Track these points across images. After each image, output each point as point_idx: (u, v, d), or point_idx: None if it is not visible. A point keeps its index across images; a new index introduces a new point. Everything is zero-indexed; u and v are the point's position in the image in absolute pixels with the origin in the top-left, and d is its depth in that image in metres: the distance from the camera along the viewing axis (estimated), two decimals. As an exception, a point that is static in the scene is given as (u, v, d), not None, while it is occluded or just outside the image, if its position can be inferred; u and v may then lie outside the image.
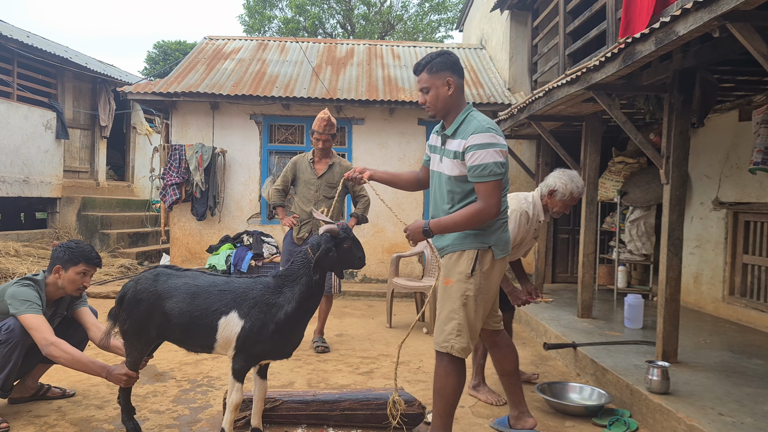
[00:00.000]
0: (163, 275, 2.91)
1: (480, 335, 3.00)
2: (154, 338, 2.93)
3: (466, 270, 2.62)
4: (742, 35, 2.69)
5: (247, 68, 9.39)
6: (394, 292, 6.13)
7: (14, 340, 3.04)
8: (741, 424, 2.87)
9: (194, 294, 2.80)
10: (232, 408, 2.81)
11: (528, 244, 3.74)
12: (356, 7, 22.85)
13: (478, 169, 2.50)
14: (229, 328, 2.73)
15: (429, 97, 2.68)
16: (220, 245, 8.06)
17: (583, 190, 3.50)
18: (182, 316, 2.78)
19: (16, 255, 7.93)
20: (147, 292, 2.84)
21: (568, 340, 4.57)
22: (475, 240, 2.62)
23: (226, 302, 2.76)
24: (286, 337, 2.79)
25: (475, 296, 2.63)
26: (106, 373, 3.03)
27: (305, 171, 4.93)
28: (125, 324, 2.92)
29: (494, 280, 2.70)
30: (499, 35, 9.73)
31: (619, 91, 4.31)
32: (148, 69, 23.05)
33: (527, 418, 3.08)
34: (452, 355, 2.65)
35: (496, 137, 2.54)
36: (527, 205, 3.59)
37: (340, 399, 3.20)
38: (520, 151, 8.48)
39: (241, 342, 2.73)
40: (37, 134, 9.82)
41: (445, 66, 2.63)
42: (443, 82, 2.63)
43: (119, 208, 11.32)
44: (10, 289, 3.14)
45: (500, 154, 2.52)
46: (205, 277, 2.91)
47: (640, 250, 6.62)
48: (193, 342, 2.87)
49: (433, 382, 2.72)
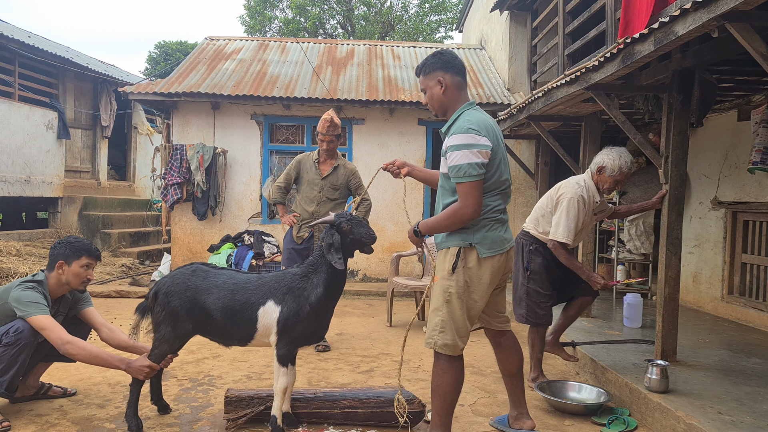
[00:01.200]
0: (201, 271, 3.11)
1: (486, 335, 3.04)
2: (190, 331, 3.06)
3: (448, 267, 2.64)
4: (741, 35, 2.70)
5: (247, 68, 9.41)
6: (394, 291, 6.14)
7: (23, 342, 3.06)
8: (740, 423, 2.88)
9: (233, 290, 3.01)
10: (281, 393, 2.97)
11: (587, 227, 3.81)
12: (356, 7, 22.86)
13: (454, 170, 2.53)
14: (268, 315, 2.96)
15: (427, 97, 2.80)
16: (221, 245, 8.09)
17: (632, 165, 3.51)
18: (224, 311, 2.98)
19: (18, 255, 7.95)
20: (185, 285, 3.03)
21: (567, 339, 4.58)
22: (457, 237, 2.63)
23: (261, 294, 2.99)
24: (321, 317, 3.02)
25: (458, 293, 2.63)
26: (125, 365, 3.07)
27: (309, 171, 4.89)
28: (160, 316, 3.05)
29: (484, 279, 2.64)
30: (498, 36, 9.74)
31: (618, 91, 4.32)
32: (150, 69, 23.07)
33: (526, 419, 3.08)
34: (447, 354, 2.66)
35: (476, 138, 2.52)
36: (581, 190, 3.62)
37: (341, 397, 3.22)
38: (520, 151, 8.49)
39: (281, 326, 2.94)
40: (39, 134, 9.84)
41: (436, 66, 2.73)
42: (435, 81, 2.73)
43: (120, 207, 11.34)
44: (13, 292, 3.14)
45: (477, 155, 2.50)
46: (240, 275, 3.12)
47: (639, 250, 6.64)
48: (233, 334, 3.04)
49: (431, 380, 2.74)
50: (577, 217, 3.61)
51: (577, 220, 3.62)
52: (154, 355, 3.08)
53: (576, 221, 3.62)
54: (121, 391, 3.69)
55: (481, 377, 4.20)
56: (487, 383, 4.05)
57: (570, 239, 3.65)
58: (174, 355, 3.17)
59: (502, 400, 3.70)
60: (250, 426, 3.11)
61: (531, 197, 8.62)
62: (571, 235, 3.66)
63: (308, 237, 4.84)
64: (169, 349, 3.08)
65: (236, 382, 3.92)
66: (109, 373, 4.01)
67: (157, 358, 3.08)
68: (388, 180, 8.61)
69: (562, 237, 3.65)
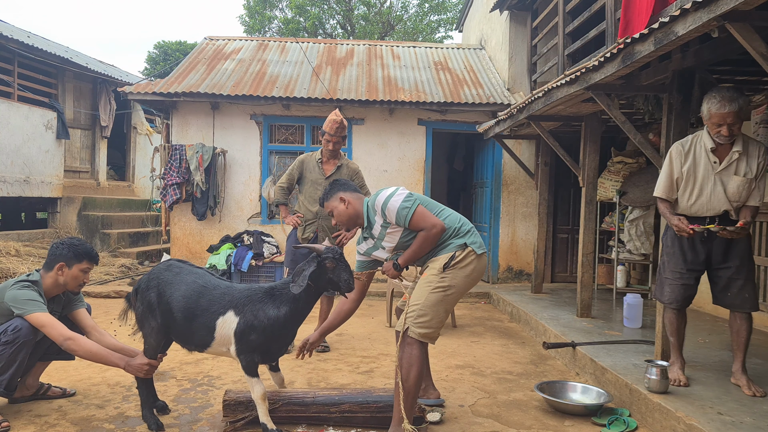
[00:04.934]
0: (175, 267, 3.16)
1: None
2: (160, 325, 3.07)
3: (439, 266, 2.91)
4: (741, 35, 2.70)
5: (247, 68, 9.40)
6: (394, 291, 6.14)
7: (21, 341, 3.05)
8: (740, 424, 2.88)
9: (199, 293, 3.02)
10: (260, 400, 2.96)
11: (705, 184, 3.36)
12: (356, 7, 22.86)
13: (400, 218, 2.90)
14: (226, 326, 2.95)
15: (335, 216, 3.15)
16: (221, 245, 8.08)
17: (721, 105, 3.18)
18: (186, 312, 2.99)
19: (17, 255, 7.93)
20: (158, 280, 3.10)
21: (567, 340, 4.58)
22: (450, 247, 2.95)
23: (224, 303, 2.99)
24: (277, 338, 3.00)
25: (447, 289, 2.90)
26: (124, 363, 3.07)
27: (313, 171, 4.86)
28: (140, 311, 3.12)
29: (473, 276, 2.97)
30: (498, 35, 9.74)
31: (618, 91, 4.31)
32: (149, 69, 23.06)
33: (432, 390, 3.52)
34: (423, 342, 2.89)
35: (383, 196, 2.96)
36: (682, 140, 3.46)
37: (340, 401, 3.20)
38: (520, 151, 8.49)
39: (238, 337, 2.93)
40: (38, 134, 9.83)
41: (334, 190, 3.15)
42: (338, 201, 3.11)
43: (120, 208, 11.33)
44: (9, 292, 3.13)
45: (397, 197, 2.91)
46: (212, 279, 3.12)
47: (639, 250, 6.63)
48: (191, 339, 3.06)
49: (400, 371, 2.88)
50: (670, 167, 3.43)
51: (670, 173, 3.43)
52: (147, 351, 3.12)
53: (668, 172, 3.43)
54: (120, 391, 3.68)
55: (481, 377, 4.19)
56: (487, 383, 4.05)
57: (661, 192, 3.47)
58: (163, 354, 3.19)
59: (502, 400, 3.70)
60: (249, 427, 3.11)
61: (531, 197, 8.62)
62: (662, 188, 3.47)
63: (313, 238, 4.82)
64: (156, 344, 3.11)
65: (236, 383, 3.92)
66: (108, 373, 4.01)
67: (150, 353, 3.11)
68: (388, 180, 8.61)
69: (656, 191, 3.52)
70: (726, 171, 3.33)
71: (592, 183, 5.57)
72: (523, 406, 3.61)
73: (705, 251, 3.43)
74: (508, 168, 8.61)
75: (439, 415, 3.29)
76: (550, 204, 7.53)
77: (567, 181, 8.22)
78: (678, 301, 3.52)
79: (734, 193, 3.30)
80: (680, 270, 3.48)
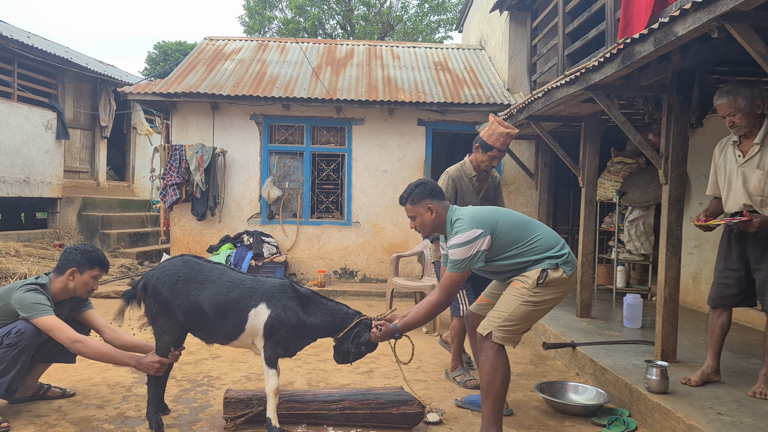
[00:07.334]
0: (193, 263, 3.12)
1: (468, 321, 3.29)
2: (182, 323, 3.04)
3: (532, 281, 2.87)
4: (740, 36, 2.70)
5: (247, 69, 9.40)
6: (394, 291, 6.13)
7: (24, 344, 3.05)
8: (740, 424, 2.88)
9: (229, 288, 3.02)
10: (272, 393, 2.97)
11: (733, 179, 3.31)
12: (356, 7, 22.86)
13: (450, 264, 2.88)
14: (258, 317, 2.98)
15: (417, 223, 3.03)
16: (221, 245, 8.08)
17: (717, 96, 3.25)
18: (217, 307, 2.98)
19: (17, 255, 7.93)
20: (176, 276, 3.04)
21: (567, 340, 4.57)
22: (542, 264, 2.90)
23: (256, 296, 3.02)
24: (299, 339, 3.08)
25: (535, 303, 2.88)
26: (135, 362, 3.06)
27: (467, 191, 4.16)
28: (154, 308, 3.05)
29: (559, 296, 2.94)
30: (498, 36, 9.74)
31: (618, 91, 4.31)
32: (149, 69, 23.07)
33: None
34: (502, 345, 2.88)
35: (457, 240, 2.83)
36: (723, 137, 3.46)
37: (340, 398, 3.21)
38: (519, 151, 8.49)
39: (268, 329, 2.97)
40: (38, 134, 9.83)
41: (424, 195, 3.00)
42: (426, 209, 2.98)
43: (119, 208, 11.33)
44: (16, 294, 3.12)
45: (462, 250, 2.81)
46: (235, 273, 3.14)
47: (639, 250, 6.63)
48: (219, 332, 3.05)
49: (481, 379, 2.89)
50: (713, 164, 3.48)
51: (714, 168, 3.47)
52: (159, 348, 3.09)
53: (712, 169, 3.48)
54: (120, 392, 3.68)
55: (481, 378, 4.19)
56: (487, 384, 4.04)
57: (708, 189, 3.57)
58: (181, 349, 3.17)
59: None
60: (249, 426, 3.11)
61: (531, 197, 8.62)
62: (708, 185, 3.55)
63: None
64: (170, 341, 3.08)
65: (235, 383, 3.92)
66: (108, 373, 4.01)
67: (162, 351, 3.08)
68: (388, 180, 8.61)
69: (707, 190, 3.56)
70: (748, 164, 3.24)
71: (591, 183, 5.57)
72: (523, 406, 3.61)
73: (738, 250, 3.38)
74: (508, 168, 8.62)
75: (438, 416, 3.30)
76: (550, 204, 7.53)
77: (567, 182, 8.22)
78: (713, 299, 3.52)
79: (756, 186, 3.18)
80: (720, 269, 3.49)
